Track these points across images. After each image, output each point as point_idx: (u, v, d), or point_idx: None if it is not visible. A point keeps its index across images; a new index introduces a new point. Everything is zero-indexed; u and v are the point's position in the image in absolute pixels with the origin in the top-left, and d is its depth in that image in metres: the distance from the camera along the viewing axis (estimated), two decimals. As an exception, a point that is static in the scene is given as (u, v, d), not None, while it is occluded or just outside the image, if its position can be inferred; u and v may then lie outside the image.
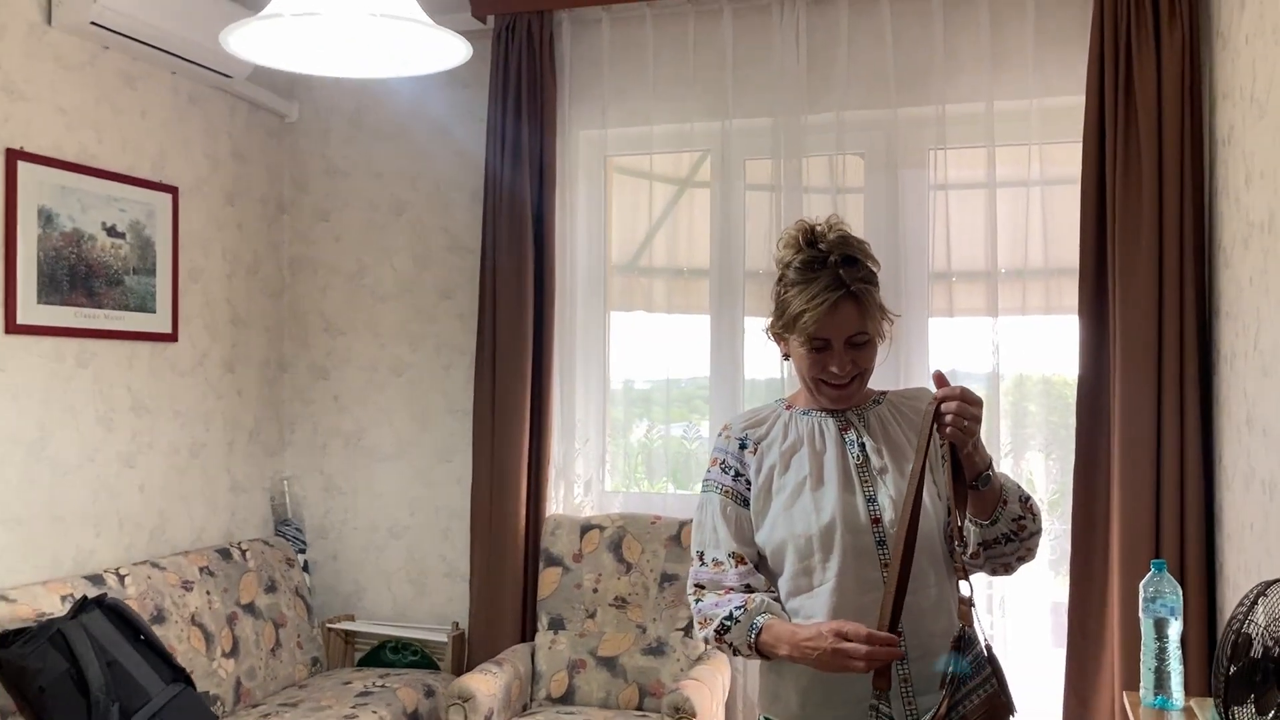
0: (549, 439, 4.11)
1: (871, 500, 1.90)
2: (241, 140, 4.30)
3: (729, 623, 1.88)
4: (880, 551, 1.87)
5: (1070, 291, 3.64)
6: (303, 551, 4.38)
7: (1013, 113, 3.76)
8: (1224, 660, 1.95)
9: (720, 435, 2.06)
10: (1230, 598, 3.12)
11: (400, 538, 4.42)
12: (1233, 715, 1.98)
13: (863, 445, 1.96)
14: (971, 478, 1.83)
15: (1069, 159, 3.67)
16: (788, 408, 2.05)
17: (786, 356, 2.01)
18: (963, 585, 1.83)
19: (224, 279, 4.20)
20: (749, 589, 1.92)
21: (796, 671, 1.88)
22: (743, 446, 2.00)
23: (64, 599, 3.20)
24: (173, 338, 3.93)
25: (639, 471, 4.33)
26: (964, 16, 3.78)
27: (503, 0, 4.10)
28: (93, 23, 3.45)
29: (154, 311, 3.84)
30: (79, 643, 2.95)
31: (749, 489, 1.97)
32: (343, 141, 4.50)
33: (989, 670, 1.77)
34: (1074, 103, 3.61)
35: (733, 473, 1.99)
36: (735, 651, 1.89)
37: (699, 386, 4.27)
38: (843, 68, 3.88)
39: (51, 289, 3.43)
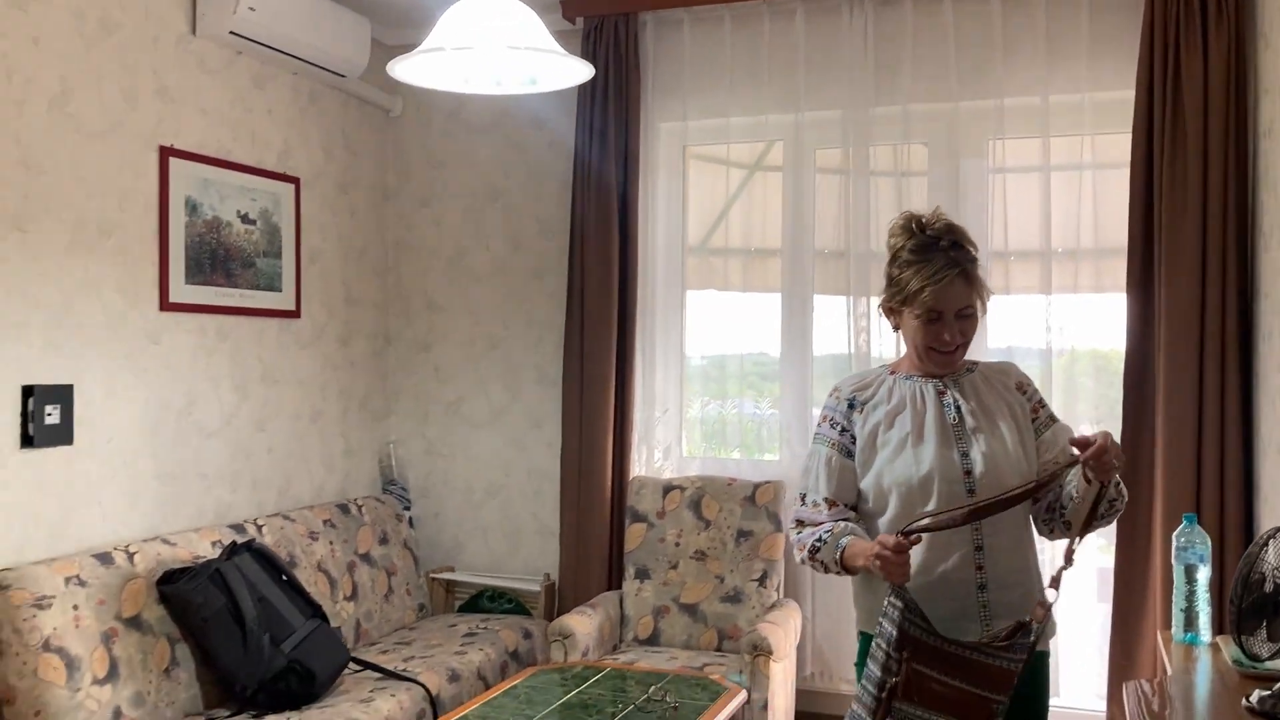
0: (632, 407, 4.48)
1: (965, 455, 2.23)
2: (352, 134, 4.71)
3: (819, 544, 2.23)
4: (970, 499, 2.19)
5: (1119, 271, 3.93)
6: (408, 509, 4.81)
7: (1067, 105, 4.03)
8: (1238, 595, 2.27)
9: (831, 396, 2.39)
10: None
11: (495, 496, 4.83)
12: (1246, 644, 2.30)
13: (958, 407, 2.28)
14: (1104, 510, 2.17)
15: (1119, 148, 3.94)
16: (891, 373, 2.37)
17: (897, 328, 2.33)
18: (1049, 592, 2.14)
19: (338, 261, 4.62)
20: None
21: (885, 593, 2.23)
22: (851, 406, 2.33)
23: (214, 544, 3.64)
24: (296, 314, 4.35)
25: (715, 440, 4.68)
26: (1022, 15, 4.05)
27: (591, 3, 4.44)
28: (231, 32, 3.85)
29: (280, 291, 4.27)
30: (234, 580, 3.38)
31: (854, 443, 2.30)
32: (442, 134, 4.89)
33: (1022, 658, 2.06)
34: (1125, 96, 3.88)
35: (839, 429, 2.32)
36: (825, 568, 2.24)
37: (770, 362, 4.60)
38: (908, 63, 4.18)
39: (196, 271, 3.87)
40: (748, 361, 4.59)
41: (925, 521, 2.11)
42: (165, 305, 3.73)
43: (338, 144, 4.62)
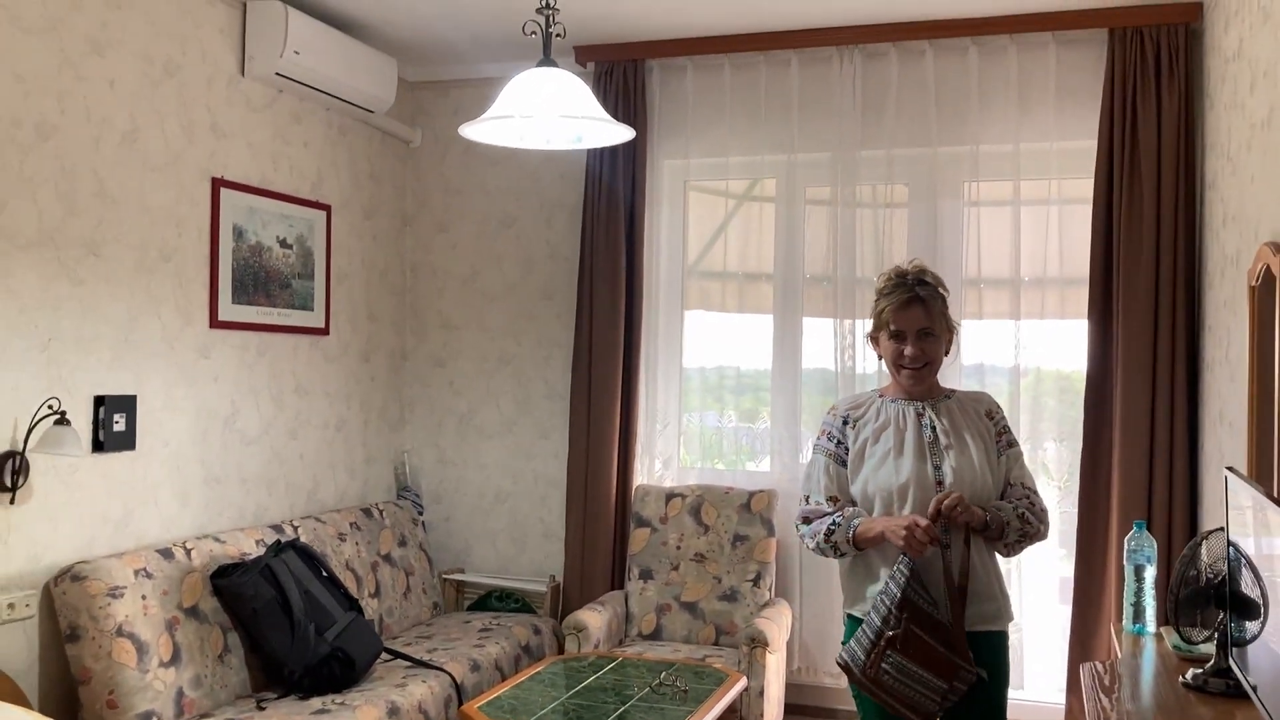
0: (635, 420, 4.85)
1: (937, 468, 2.65)
2: (377, 164, 5.06)
3: (834, 527, 2.64)
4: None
5: (1082, 299, 4.35)
6: (421, 514, 5.15)
7: (1036, 152, 4.46)
8: (1176, 589, 2.67)
9: (829, 413, 2.82)
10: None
11: (504, 503, 5.18)
12: (1183, 630, 2.70)
13: (934, 427, 2.70)
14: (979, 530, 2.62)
15: (1083, 189, 4.36)
16: (880, 396, 2.79)
17: (880, 357, 2.76)
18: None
19: (362, 282, 4.97)
20: None
21: (869, 576, 2.63)
22: (845, 422, 2.75)
23: (257, 542, 3.98)
24: (325, 331, 4.70)
25: (712, 451, 5.06)
26: (995, 70, 4.48)
27: (601, 50, 4.83)
28: (276, 73, 4.20)
29: (312, 310, 4.61)
30: (283, 575, 3.72)
31: (847, 453, 2.73)
32: (458, 164, 5.25)
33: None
34: (1088, 145, 4.30)
35: (835, 441, 2.74)
36: (835, 548, 2.64)
37: (762, 379, 4.98)
38: (891, 110, 4.59)
39: (240, 291, 4.21)
40: (744, 378, 4.98)
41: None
42: (214, 323, 4.07)
43: (364, 173, 4.97)
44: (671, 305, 4.99)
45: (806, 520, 2.73)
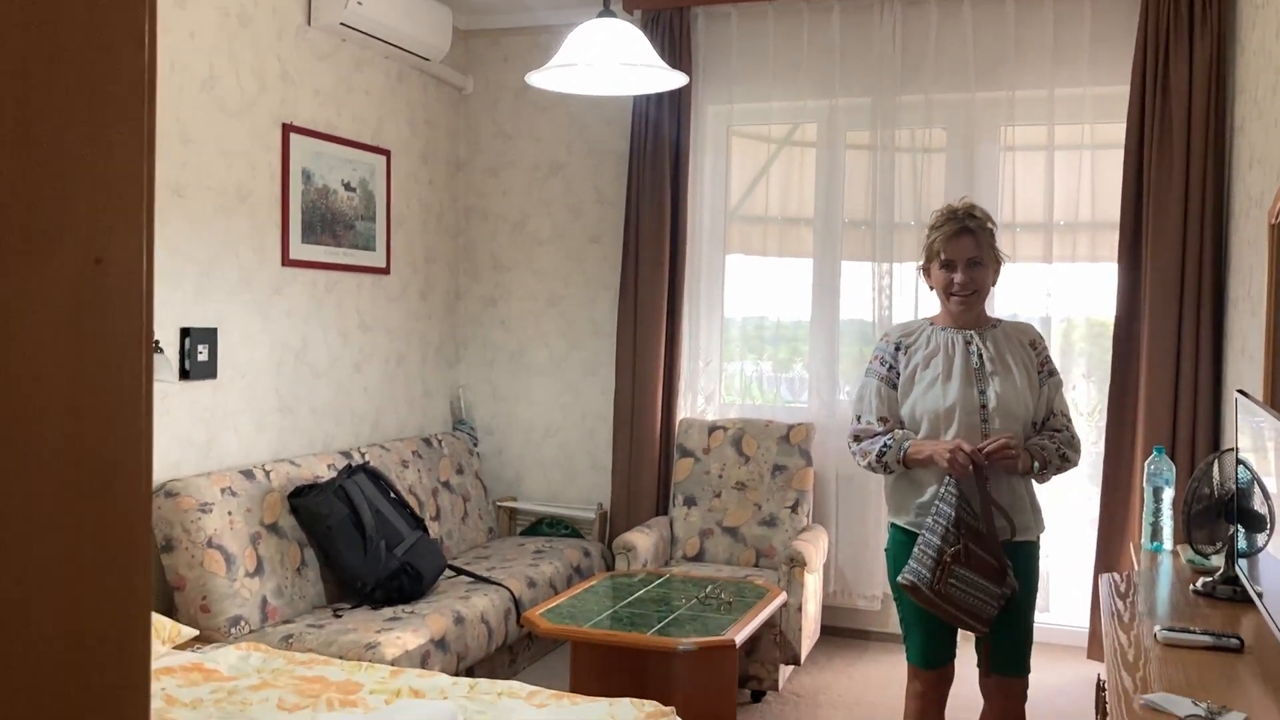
0: (679, 358, 5.09)
1: (982, 393, 2.85)
2: (432, 110, 5.28)
3: (885, 449, 2.85)
4: (984, 426, 2.82)
5: (1112, 242, 4.51)
6: (476, 445, 5.42)
7: (1070, 98, 4.60)
8: (1189, 505, 2.88)
9: (882, 340, 3.02)
10: (1225, 487, 4.03)
11: (553, 436, 5.45)
12: (1197, 547, 2.91)
13: (981, 355, 2.89)
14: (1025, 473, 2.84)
15: (1115, 134, 4.51)
16: (931, 324, 2.98)
17: (932, 287, 2.95)
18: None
19: (419, 224, 5.21)
20: None
21: (914, 490, 2.85)
22: (897, 348, 2.95)
23: (329, 466, 4.26)
24: (386, 271, 4.95)
25: (752, 389, 5.29)
26: (1032, 17, 4.61)
27: (649, -2, 5.00)
28: (341, 23, 4.42)
29: (374, 250, 4.86)
30: (355, 495, 4.00)
31: (898, 377, 2.93)
32: (509, 111, 5.46)
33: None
34: (1120, 91, 4.44)
35: (887, 366, 2.95)
36: (886, 467, 2.86)
37: (800, 329, 5.19)
38: (931, 57, 4.74)
39: (309, 232, 4.45)
40: (782, 329, 5.19)
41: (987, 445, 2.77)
42: (286, 261, 4.32)
43: (420, 120, 5.19)
44: (714, 249, 5.19)
45: (857, 439, 2.94)
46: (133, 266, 0.60)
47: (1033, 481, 2.93)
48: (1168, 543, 3.33)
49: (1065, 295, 4.73)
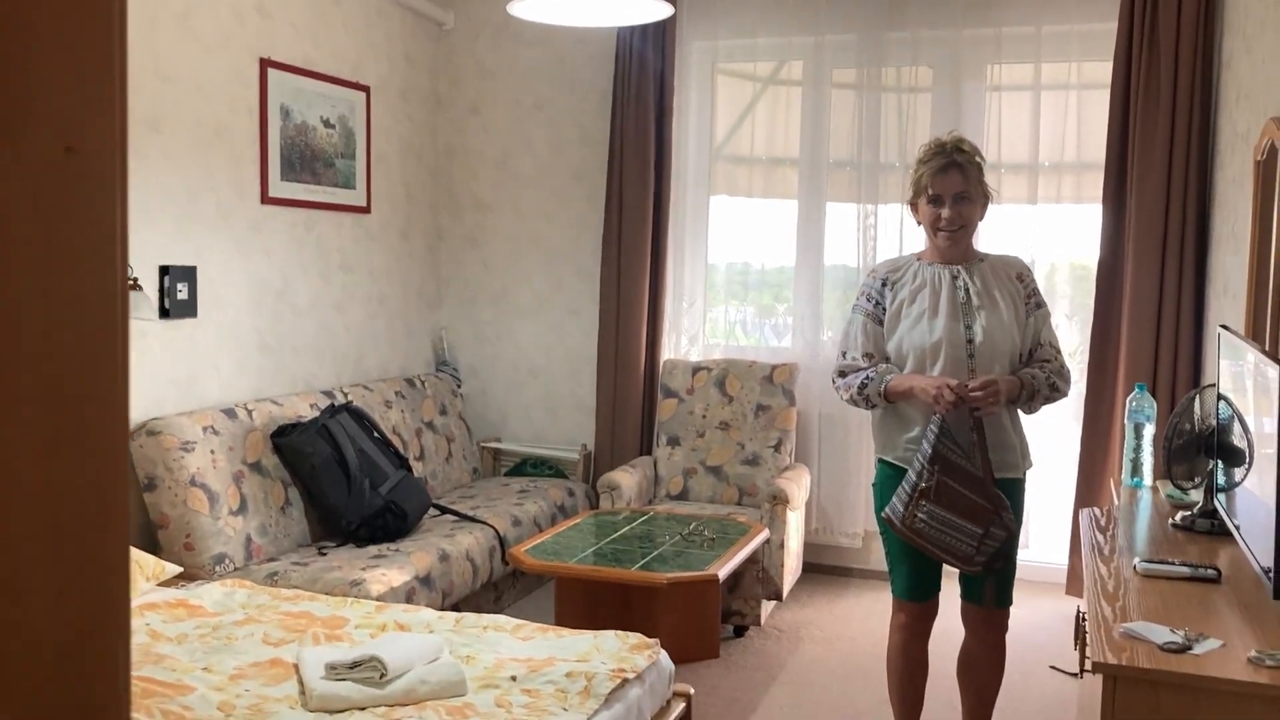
0: (663, 299, 5.07)
1: (969, 327, 2.82)
2: (411, 45, 5.20)
3: (867, 381, 2.84)
4: (970, 361, 2.81)
5: (1097, 183, 4.50)
6: (459, 386, 5.41)
7: (1057, 35, 4.56)
8: (1169, 440, 2.90)
9: (869, 275, 3.00)
10: (1204, 425, 4.06)
11: (538, 376, 5.44)
12: (1177, 482, 2.94)
13: (967, 289, 2.86)
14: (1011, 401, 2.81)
15: (1102, 73, 4.48)
16: (918, 259, 2.95)
17: (919, 223, 2.92)
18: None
19: (399, 162, 5.15)
20: None
21: (901, 426, 2.85)
22: (884, 284, 2.93)
23: (311, 406, 4.24)
24: (367, 210, 4.89)
25: (735, 331, 5.29)
26: (1021, -48, 4.56)
27: (633, -70, 4.91)
28: (318, -45, 4.33)
29: (354, 189, 4.80)
30: (338, 434, 4.00)
31: (884, 314, 2.91)
32: (491, 46, 5.38)
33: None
34: (1108, 28, 4.40)
35: (873, 302, 2.92)
36: (868, 400, 2.84)
37: (784, 275, 5.18)
38: (918, -7, 4.69)
39: (288, 169, 4.40)
40: (767, 274, 5.18)
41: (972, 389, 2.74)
42: (265, 199, 4.27)
43: (399, 55, 5.11)
44: (698, 189, 5.15)
45: (842, 374, 2.92)
46: (106, 158, 0.57)
47: (1019, 418, 2.92)
48: (1148, 478, 3.36)
49: (1050, 237, 4.72)
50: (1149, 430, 3.36)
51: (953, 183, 2.81)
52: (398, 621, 2.79)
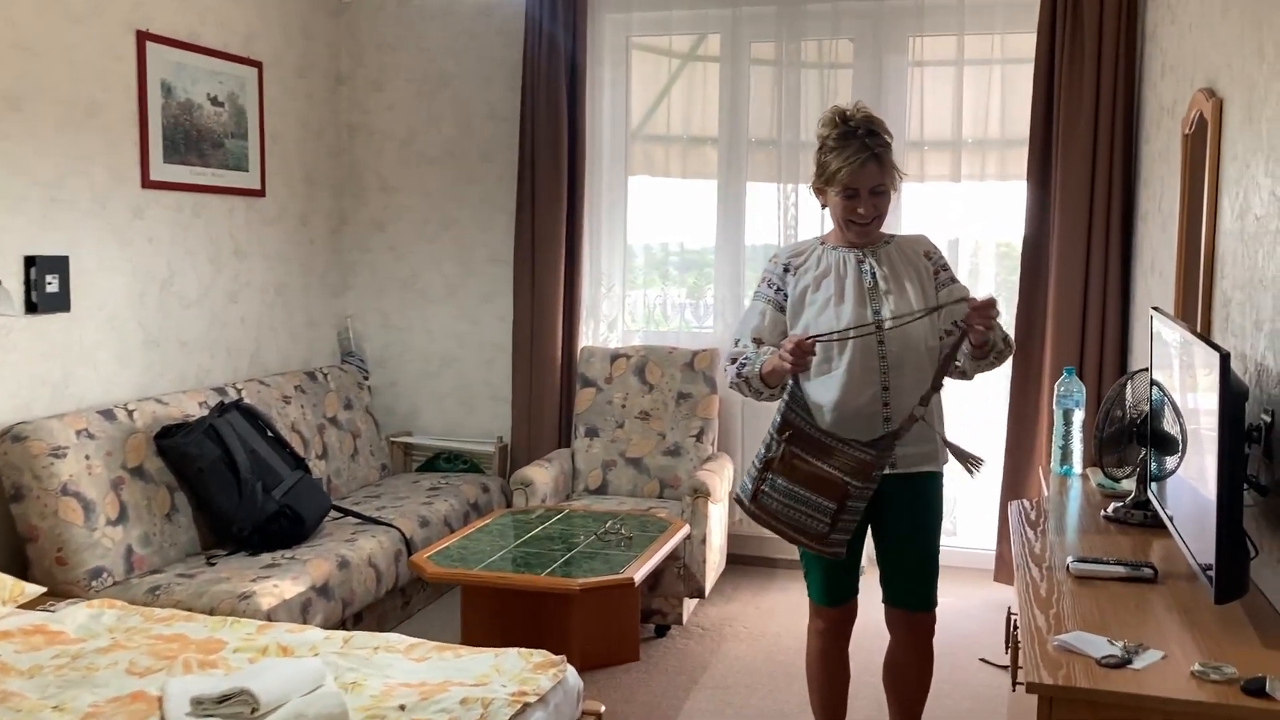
0: (580, 284, 4.85)
1: (876, 313, 2.63)
2: (308, 19, 4.90)
3: (744, 363, 2.65)
4: (880, 348, 2.61)
5: (1021, 160, 4.37)
6: (366, 378, 5.14)
7: (980, 5, 4.42)
8: (1100, 428, 2.77)
9: (770, 261, 2.79)
10: (1132, 407, 3.97)
11: (450, 366, 5.20)
12: (1108, 471, 2.81)
13: (874, 273, 2.68)
14: (979, 344, 2.56)
15: (1026, 45, 4.35)
16: (821, 243, 2.76)
17: (824, 206, 2.72)
18: (918, 409, 2.54)
19: (297, 143, 4.86)
20: None
21: (827, 395, 2.64)
22: (786, 270, 2.73)
23: (200, 404, 3.96)
24: (261, 193, 4.60)
25: (656, 318, 5.09)
26: (942, -80, 4.40)
27: (541, -104, 4.66)
28: (198, -81, 4.02)
29: (247, 171, 4.51)
30: (228, 434, 3.73)
31: (785, 300, 2.71)
32: (393, 20, 5.10)
33: (882, 453, 2.52)
34: (1032, -1, 4.28)
35: (775, 288, 2.73)
36: (748, 384, 2.63)
37: (705, 255, 4.99)
38: (838, -37, 4.51)
39: (173, 150, 4.10)
40: (688, 254, 4.99)
41: (825, 334, 2.56)
42: (146, 182, 3.97)
43: (295, 29, 4.81)
44: (615, 169, 4.94)
45: (733, 360, 2.72)
46: None
47: (940, 410, 2.75)
48: (1077, 466, 3.24)
49: (973, 215, 4.60)
50: (1078, 416, 3.24)
51: (870, 176, 2.60)
52: (280, 644, 2.56)
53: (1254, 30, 2.40)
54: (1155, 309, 2.64)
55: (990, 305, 2.48)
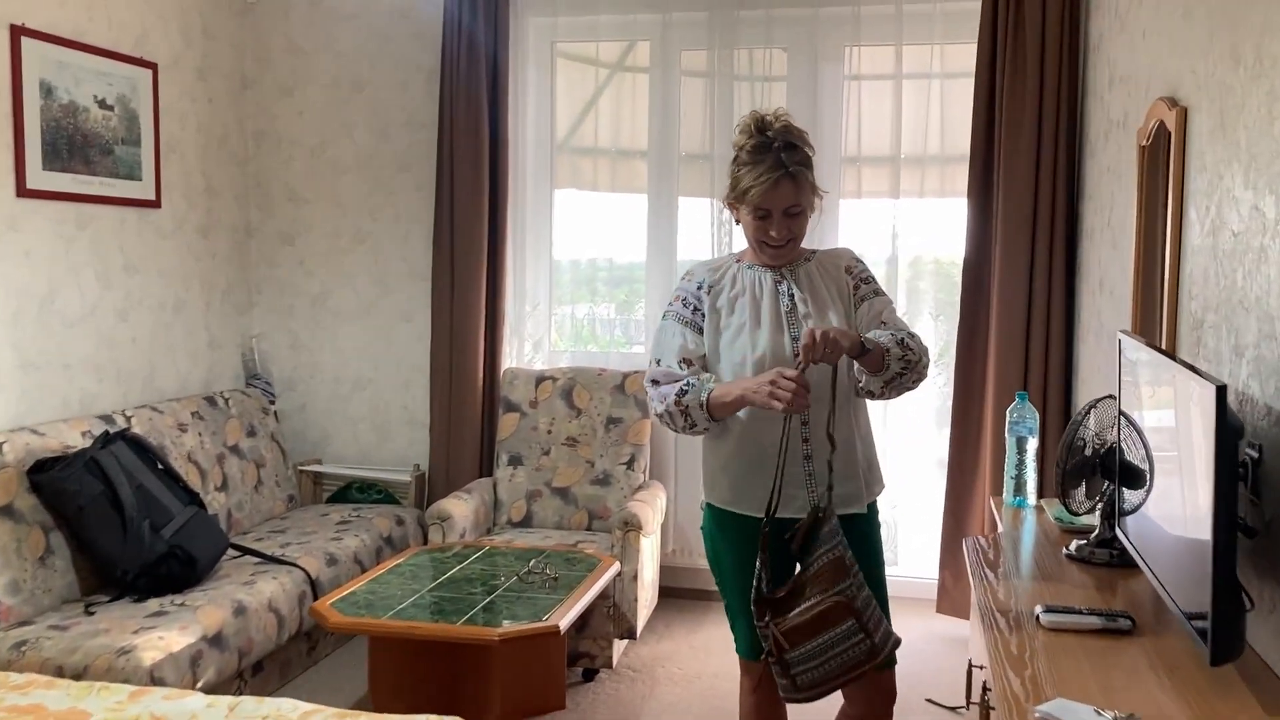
0: (503, 302, 4.58)
1: (795, 340, 2.38)
2: (210, 18, 4.57)
3: (686, 388, 2.34)
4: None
5: (961, 176, 4.21)
6: (273, 402, 4.81)
7: (919, 14, 4.26)
8: (1063, 459, 2.58)
9: (684, 278, 2.53)
10: (1080, 431, 3.80)
11: (364, 389, 4.88)
12: (1069, 501, 2.62)
13: (791, 295, 2.43)
14: (854, 356, 2.27)
15: (966, 57, 4.19)
16: (738, 261, 2.51)
17: (738, 221, 2.47)
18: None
19: (198, 150, 4.52)
20: None
21: (728, 465, 2.42)
22: (700, 288, 2.47)
23: (84, 434, 3.61)
24: (156, 204, 4.26)
25: (585, 337, 4.84)
26: (880, -75, 4.23)
27: (460, -108, 4.40)
28: (83, -95, 3.69)
29: (140, 180, 4.16)
30: (111, 468, 3.38)
31: (703, 320, 2.45)
32: (303, 21, 4.79)
33: (838, 541, 2.23)
34: (972, 7, 4.12)
35: (691, 308, 2.46)
36: (686, 414, 2.35)
37: (636, 270, 4.75)
38: (772, -32, 4.32)
39: (54, 157, 3.74)
40: (616, 270, 4.75)
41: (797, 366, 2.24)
42: (22, 191, 3.61)
43: (195, 29, 4.48)
44: (540, 182, 4.69)
45: (655, 383, 2.44)
46: None
47: (866, 432, 2.48)
48: (1031, 497, 3.05)
49: (913, 233, 4.42)
50: (1032, 444, 3.06)
51: (784, 196, 2.34)
52: (154, 714, 2.24)
53: (1226, 32, 2.23)
54: (1124, 332, 2.45)
55: (811, 345, 2.17)
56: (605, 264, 4.77)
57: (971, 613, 2.64)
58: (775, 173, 2.32)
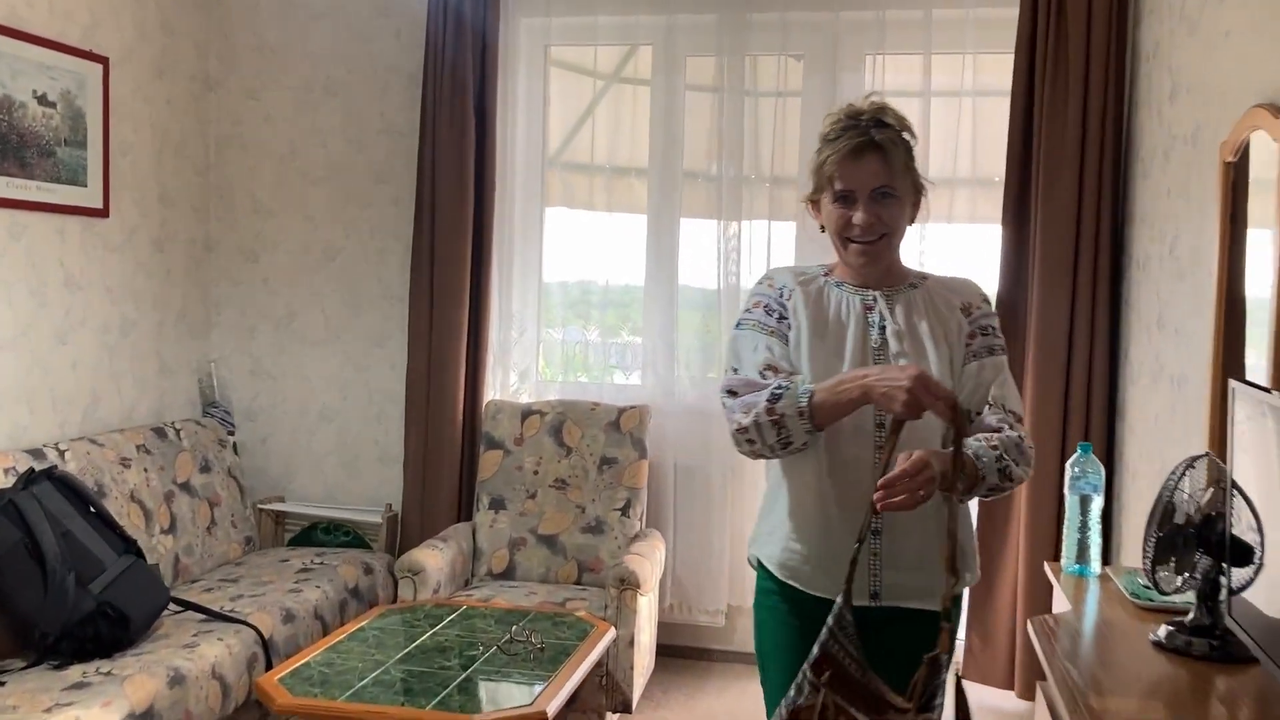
0: (487, 327, 4.17)
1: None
2: (169, 12, 4.16)
3: (779, 392, 1.87)
4: (877, 433, 1.91)
5: (993, 200, 3.83)
6: (231, 434, 4.37)
7: (949, 21, 3.89)
8: (1153, 526, 2.17)
9: (763, 283, 2.08)
10: (1128, 481, 3.41)
11: (331, 421, 4.45)
12: (1156, 574, 2.21)
13: (883, 329, 1.98)
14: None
15: (1000, 70, 3.82)
16: (825, 275, 2.07)
17: (823, 229, 2.04)
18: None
19: (153, 155, 4.10)
20: None
21: (796, 529, 1.99)
22: (783, 295, 2.03)
23: (6, 471, 3.17)
24: (104, 213, 3.84)
25: (575, 364, 4.42)
26: (908, -77, 3.87)
27: (448, -121, 4.02)
28: (23, -125, 3.29)
29: (85, 185, 3.74)
30: (32, 513, 2.94)
31: (789, 330, 1.99)
32: (274, 18, 4.39)
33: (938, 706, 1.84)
34: (1008, 14, 3.75)
35: (776, 315, 2.01)
36: (779, 425, 1.86)
37: (633, 294, 4.35)
38: (788, -33, 3.95)
39: (-18, 156, 3.32)
40: (610, 293, 4.35)
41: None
42: (-57, 194, 3.19)
43: (153, 22, 4.07)
44: (530, 198, 4.29)
45: (733, 393, 1.96)
46: None
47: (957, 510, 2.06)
48: (1095, 565, 2.65)
49: (940, 261, 4.03)
50: (1097, 503, 2.66)
51: (869, 172, 1.91)
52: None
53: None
54: (1243, 381, 2.05)
55: (896, 480, 1.74)
56: (599, 288, 4.36)
57: (1038, 706, 2.23)
58: (858, 138, 1.91)
